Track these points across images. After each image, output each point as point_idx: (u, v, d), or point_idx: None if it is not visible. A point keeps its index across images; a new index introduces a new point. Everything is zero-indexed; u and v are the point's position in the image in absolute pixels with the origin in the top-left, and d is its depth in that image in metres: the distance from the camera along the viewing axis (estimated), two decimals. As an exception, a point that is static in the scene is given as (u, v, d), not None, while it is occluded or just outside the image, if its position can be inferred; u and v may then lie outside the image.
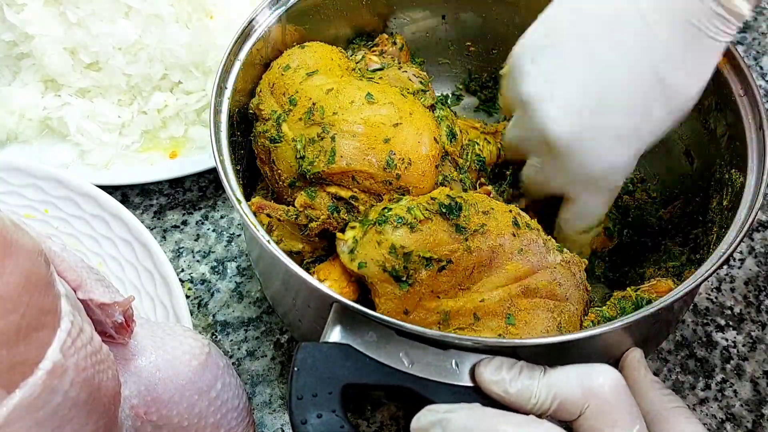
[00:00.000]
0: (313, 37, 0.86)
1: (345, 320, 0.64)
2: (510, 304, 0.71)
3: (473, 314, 0.71)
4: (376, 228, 0.71)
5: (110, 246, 0.87)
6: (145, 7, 0.96)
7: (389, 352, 0.63)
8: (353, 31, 0.90)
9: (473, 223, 0.71)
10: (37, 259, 0.54)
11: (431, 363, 0.63)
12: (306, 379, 0.60)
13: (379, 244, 0.70)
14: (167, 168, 0.95)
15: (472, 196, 0.74)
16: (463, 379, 0.63)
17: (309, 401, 0.60)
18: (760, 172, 0.73)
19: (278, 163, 0.77)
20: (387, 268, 0.70)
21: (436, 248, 0.70)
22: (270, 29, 0.82)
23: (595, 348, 0.71)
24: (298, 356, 0.61)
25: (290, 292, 0.77)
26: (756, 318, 0.89)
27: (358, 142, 0.74)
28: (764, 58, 1.10)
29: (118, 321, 0.64)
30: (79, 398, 0.55)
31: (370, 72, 0.85)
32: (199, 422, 0.68)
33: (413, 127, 0.75)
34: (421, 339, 0.63)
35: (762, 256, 0.93)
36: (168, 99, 0.99)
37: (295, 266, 0.66)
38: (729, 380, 0.85)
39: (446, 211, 0.71)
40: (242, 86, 0.80)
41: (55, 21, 0.96)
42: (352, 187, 0.75)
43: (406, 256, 0.69)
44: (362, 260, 0.70)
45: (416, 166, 0.74)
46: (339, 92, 0.76)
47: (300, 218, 0.76)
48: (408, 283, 0.70)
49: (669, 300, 0.66)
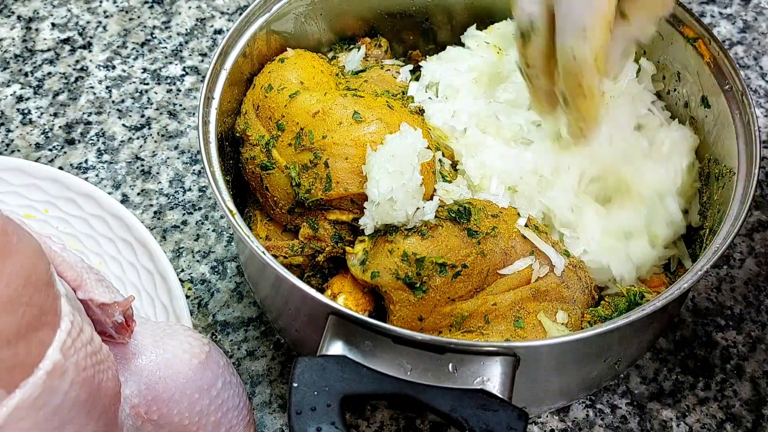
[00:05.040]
0: (295, 43, 0.86)
1: (341, 331, 0.64)
2: (520, 308, 0.71)
3: (484, 317, 0.71)
4: (387, 237, 0.71)
5: (110, 246, 0.87)
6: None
7: (386, 360, 0.63)
8: (337, 35, 0.90)
9: (484, 227, 0.71)
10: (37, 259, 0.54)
11: (428, 368, 0.63)
12: (304, 394, 0.61)
13: (390, 253, 0.70)
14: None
15: (479, 201, 0.74)
16: (462, 382, 0.62)
17: (308, 415, 0.60)
18: (750, 167, 0.73)
19: (272, 190, 0.77)
20: (400, 275, 0.69)
21: (449, 254, 0.70)
22: (254, 37, 0.81)
23: (592, 348, 0.71)
24: (295, 371, 0.62)
25: (283, 301, 0.77)
26: (756, 318, 0.89)
27: (351, 164, 0.73)
28: (764, 58, 1.10)
29: (118, 321, 0.64)
30: (79, 398, 0.55)
31: (354, 75, 0.84)
32: (200, 421, 0.68)
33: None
34: (417, 344, 0.63)
35: (762, 256, 0.93)
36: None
37: (296, 279, 0.66)
38: (729, 380, 0.85)
39: (456, 216, 0.71)
40: (228, 96, 0.79)
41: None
42: (352, 209, 0.75)
43: (419, 262, 0.69)
44: (375, 270, 0.70)
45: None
46: (326, 114, 0.75)
47: (306, 250, 0.76)
48: (422, 290, 0.70)
49: (666, 298, 0.66)
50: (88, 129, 1.01)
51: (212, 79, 0.78)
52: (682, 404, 0.83)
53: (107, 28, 1.10)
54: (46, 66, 1.06)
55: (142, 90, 1.05)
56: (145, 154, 0.99)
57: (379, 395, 0.63)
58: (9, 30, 1.09)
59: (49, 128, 1.01)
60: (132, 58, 1.07)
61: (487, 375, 0.63)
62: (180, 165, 0.99)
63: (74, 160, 0.99)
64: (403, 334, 0.63)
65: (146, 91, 1.05)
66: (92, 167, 0.98)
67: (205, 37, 1.09)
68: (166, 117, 1.03)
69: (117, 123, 1.02)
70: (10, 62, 1.06)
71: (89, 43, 1.08)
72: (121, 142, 1.00)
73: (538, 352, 0.66)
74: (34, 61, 1.07)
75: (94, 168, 0.98)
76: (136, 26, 1.10)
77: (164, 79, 1.06)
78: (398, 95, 0.82)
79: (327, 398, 0.61)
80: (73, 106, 1.03)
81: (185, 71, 1.06)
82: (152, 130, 1.01)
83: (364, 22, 0.90)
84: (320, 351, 0.64)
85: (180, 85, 1.05)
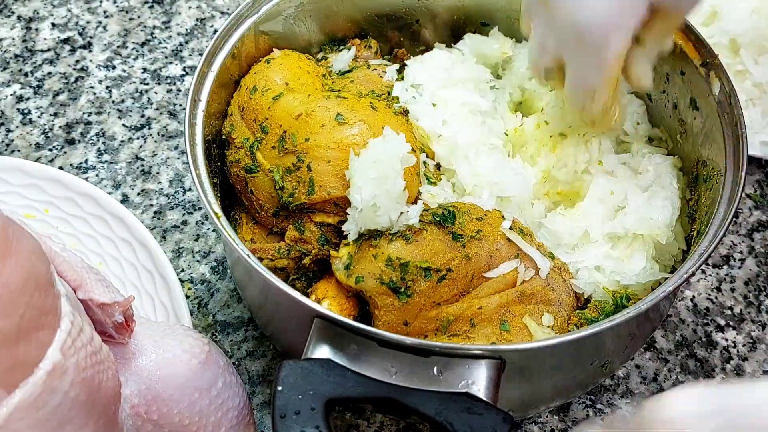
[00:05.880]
0: (284, 44, 0.86)
1: (326, 335, 0.64)
2: (505, 311, 0.71)
3: (470, 320, 0.70)
4: (371, 242, 0.70)
5: (110, 246, 0.87)
6: None
7: (371, 364, 0.63)
8: (327, 36, 0.90)
9: (469, 230, 0.71)
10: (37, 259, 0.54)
11: (414, 371, 0.62)
12: (288, 397, 0.60)
13: (375, 258, 0.70)
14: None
15: (463, 204, 0.73)
16: (447, 386, 0.62)
17: (292, 419, 0.60)
18: (737, 169, 0.73)
19: (257, 193, 0.76)
20: (384, 280, 0.69)
21: (433, 258, 0.69)
22: (242, 39, 0.81)
23: (579, 351, 0.71)
24: (280, 374, 0.61)
25: (270, 305, 0.77)
26: (756, 318, 0.89)
27: (333, 167, 0.73)
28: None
29: (118, 321, 0.64)
30: (79, 398, 0.55)
31: (340, 75, 0.84)
32: (200, 421, 0.68)
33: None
34: (403, 348, 0.63)
35: (762, 256, 0.93)
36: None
37: (281, 282, 0.66)
38: (729, 380, 0.85)
39: (440, 220, 0.70)
40: (216, 98, 0.79)
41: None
42: (337, 212, 0.74)
43: (403, 267, 0.69)
44: (359, 274, 0.70)
45: None
46: (309, 116, 0.74)
47: (292, 252, 0.76)
48: (407, 294, 0.69)
49: (652, 301, 0.65)
50: (88, 129, 1.01)
51: (199, 80, 0.77)
52: (682, 404, 0.83)
53: (107, 28, 1.10)
54: (46, 66, 1.06)
55: (142, 90, 1.05)
56: (145, 154, 0.99)
57: (365, 399, 0.62)
58: (9, 30, 1.09)
59: (49, 128, 1.01)
60: (132, 58, 1.07)
61: (473, 378, 0.62)
62: (180, 165, 0.99)
63: (74, 160, 0.99)
64: (388, 337, 0.62)
65: (146, 91, 1.05)
66: (92, 167, 0.98)
67: (205, 37, 1.09)
68: (166, 117, 1.03)
69: (117, 123, 1.02)
70: (10, 62, 1.06)
71: (89, 43, 1.08)
72: (121, 142, 1.00)
73: (523, 356, 0.66)
74: (34, 61, 1.07)
75: (94, 168, 0.98)
76: (136, 26, 1.10)
77: (164, 79, 1.06)
78: (383, 95, 0.81)
79: (311, 402, 0.60)
80: (73, 106, 1.03)
81: (185, 71, 1.06)
82: (152, 130, 1.01)
83: (354, 23, 0.90)
84: (305, 354, 0.64)
85: (180, 85, 1.05)
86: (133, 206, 0.96)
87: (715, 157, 0.76)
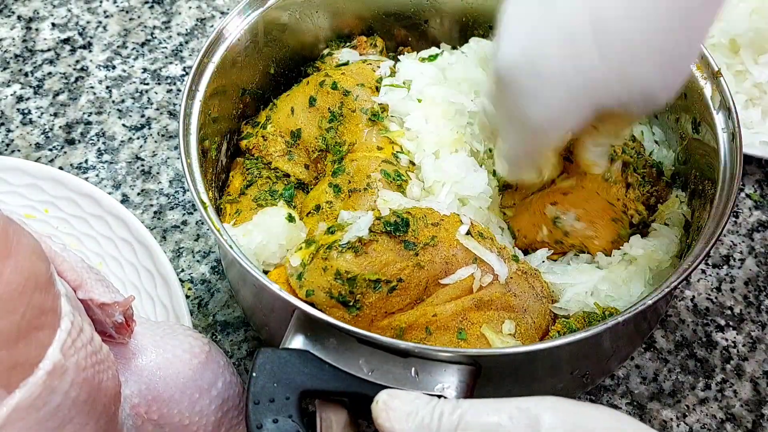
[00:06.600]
0: (290, 39, 0.86)
1: (306, 327, 0.64)
2: (462, 318, 0.69)
3: (425, 328, 0.69)
4: (322, 254, 0.69)
5: (110, 246, 0.87)
6: None
7: (349, 359, 0.62)
8: (333, 32, 0.90)
9: (423, 237, 0.69)
10: (37, 259, 0.54)
11: (391, 371, 0.62)
12: (263, 384, 0.61)
13: (324, 271, 0.68)
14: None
15: (419, 209, 0.71)
16: (423, 387, 0.62)
17: (265, 406, 0.60)
18: (731, 183, 0.72)
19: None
20: (334, 294, 0.68)
21: (383, 269, 0.68)
22: (246, 31, 0.81)
23: (561, 360, 0.70)
24: (256, 361, 0.61)
25: (255, 299, 0.77)
26: (756, 318, 0.89)
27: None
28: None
29: (118, 321, 0.64)
30: (79, 398, 0.55)
31: (335, 68, 0.84)
32: (200, 420, 0.68)
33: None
34: (382, 347, 0.62)
35: (762, 256, 0.93)
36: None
37: (258, 273, 0.66)
38: (729, 380, 0.85)
39: (392, 229, 0.69)
40: (214, 90, 0.79)
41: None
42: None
43: (351, 281, 0.68)
44: (309, 288, 0.69)
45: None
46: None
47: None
48: (356, 307, 0.68)
49: (631, 312, 0.64)
50: (88, 129, 1.01)
51: (198, 71, 0.78)
52: (682, 404, 0.83)
53: (107, 28, 1.10)
54: (46, 66, 1.06)
55: (142, 90, 1.05)
56: (145, 154, 0.99)
57: (340, 392, 0.62)
58: (9, 30, 1.09)
59: (49, 128, 1.01)
60: (132, 58, 1.07)
61: (448, 382, 0.62)
62: (180, 165, 0.99)
63: (74, 160, 0.99)
64: (368, 336, 0.62)
65: (146, 91, 1.05)
66: (92, 167, 0.98)
67: (205, 37, 1.09)
68: (166, 117, 1.03)
69: (117, 123, 1.02)
70: (10, 62, 1.06)
71: (89, 43, 1.09)
72: (121, 142, 1.00)
73: (499, 362, 0.65)
74: (34, 61, 1.07)
75: (94, 168, 0.98)
76: (136, 26, 1.10)
77: (164, 79, 1.06)
78: (371, 87, 0.81)
79: (286, 391, 0.60)
80: (73, 106, 1.03)
81: (185, 71, 1.06)
82: (152, 130, 1.01)
83: (362, 20, 0.90)
84: (284, 344, 0.64)
85: (180, 85, 1.05)
86: (133, 206, 0.96)
87: (713, 168, 0.75)
